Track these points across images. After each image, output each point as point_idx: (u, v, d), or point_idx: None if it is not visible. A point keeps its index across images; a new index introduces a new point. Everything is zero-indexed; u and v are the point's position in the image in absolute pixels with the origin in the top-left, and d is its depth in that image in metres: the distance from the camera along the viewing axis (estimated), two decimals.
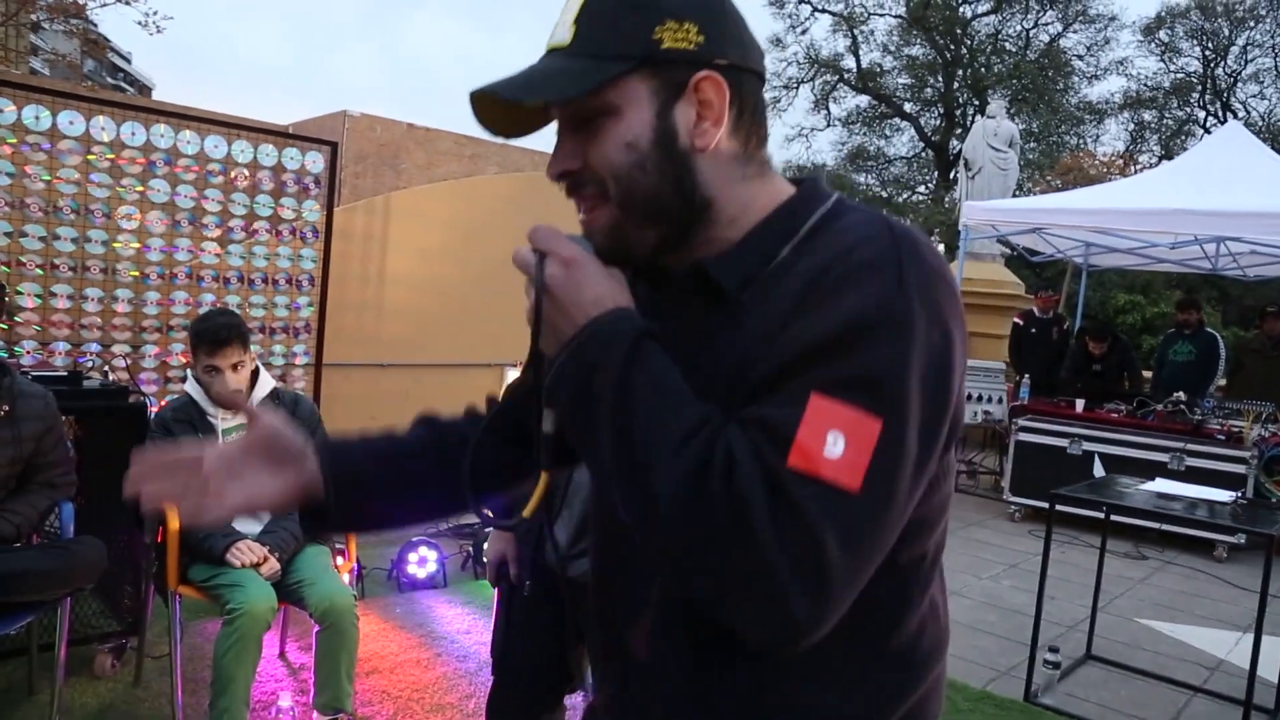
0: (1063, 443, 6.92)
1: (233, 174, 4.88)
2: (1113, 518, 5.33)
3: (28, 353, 4.30)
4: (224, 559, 2.66)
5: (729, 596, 0.75)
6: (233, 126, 4.96)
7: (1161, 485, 4.02)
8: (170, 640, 2.82)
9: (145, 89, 49.82)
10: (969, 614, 4.77)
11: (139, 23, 8.63)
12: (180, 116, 4.81)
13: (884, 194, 26.81)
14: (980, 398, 8.39)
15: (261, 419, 0.99)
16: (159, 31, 8.66)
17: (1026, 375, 7.97)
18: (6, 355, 3.93)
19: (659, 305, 0.92)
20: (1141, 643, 4.53)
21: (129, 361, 4.62)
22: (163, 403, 4.04)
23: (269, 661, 3.37)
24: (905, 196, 26.77)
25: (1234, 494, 3.86)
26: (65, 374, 3.28)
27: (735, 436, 0.75)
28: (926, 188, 26.25)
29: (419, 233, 6.61)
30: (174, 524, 2.70)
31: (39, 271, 4.41)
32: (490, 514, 1.02)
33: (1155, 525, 5.96)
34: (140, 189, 4.63)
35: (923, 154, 26.22)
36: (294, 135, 5.01)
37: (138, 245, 4.66)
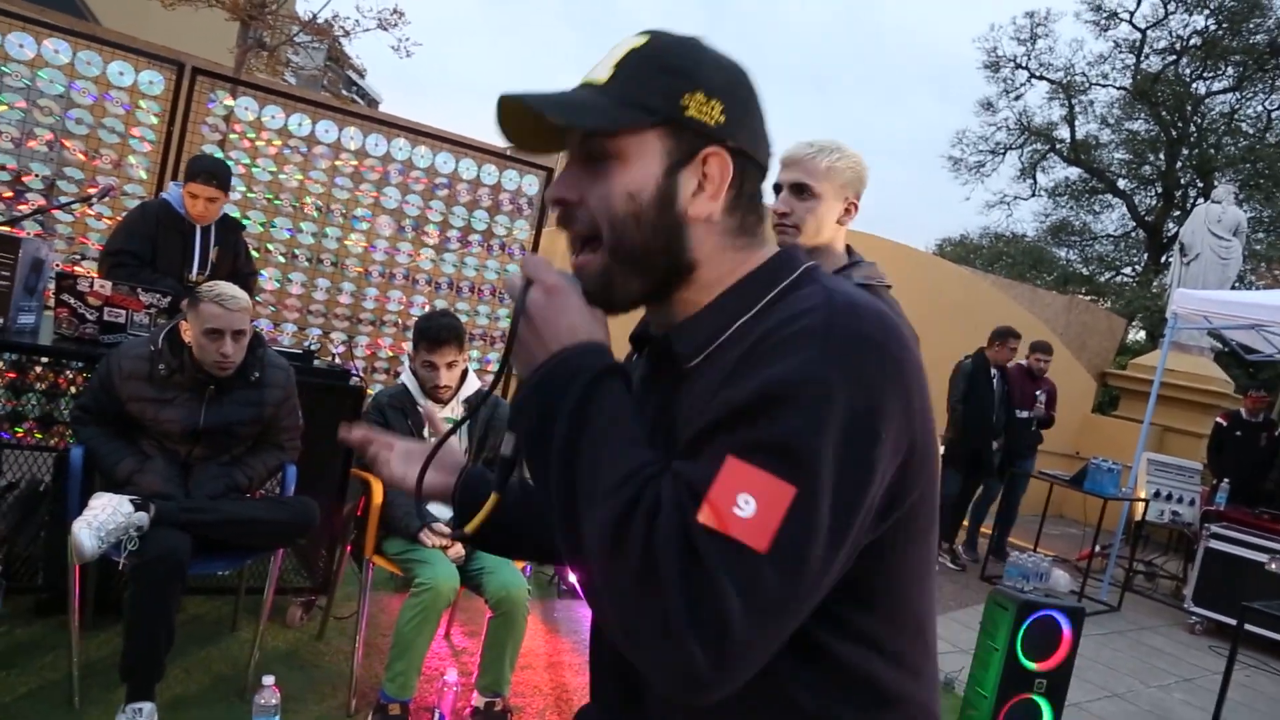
0: (1261, 558, 6.35)
1: (456, 188, 5.30)
2: None
3: (269, 336, 4.82)
4: (417, 538, 2.91)
5: (638, 642, 0.76)
6: (461, 145, 5.39)
7: None
8: (359, 603, 3.09)
9: (374, 102, 53.90)
10: (1131, 719, 4.48)
11: (392, 47, 9.50)
12: (416, 132, 5.28)
13: (1085, 271, 25.41)
14: (1170, 496, 7.83)
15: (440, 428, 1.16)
16: (408, 56, 9.47)
17: (1226, 480, 7.37)
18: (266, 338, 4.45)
19: (646, 371, 1.00)
20: None
21: (344, 348, 5.09)
22: (367, 390, 4.44)
23: (436, 640, 3.61)
24: (1109, 276, 25.27)
25: None
26: (300, 352, 3.66)
27: (665, 486, 0.78)
28: (1134, 269, 24.68)
29: None
30: (377, 498, 2.97)
31: (281, 259, 4.93)
32: (450, 527, 1.12)
33: None
34: (375, 194, 5.11)
35: (1133, 234, 24.69)
36: (514, 158, 5.38)
37: (366, 245, 5.13)
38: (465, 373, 3.20)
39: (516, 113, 0.90)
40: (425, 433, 3.13)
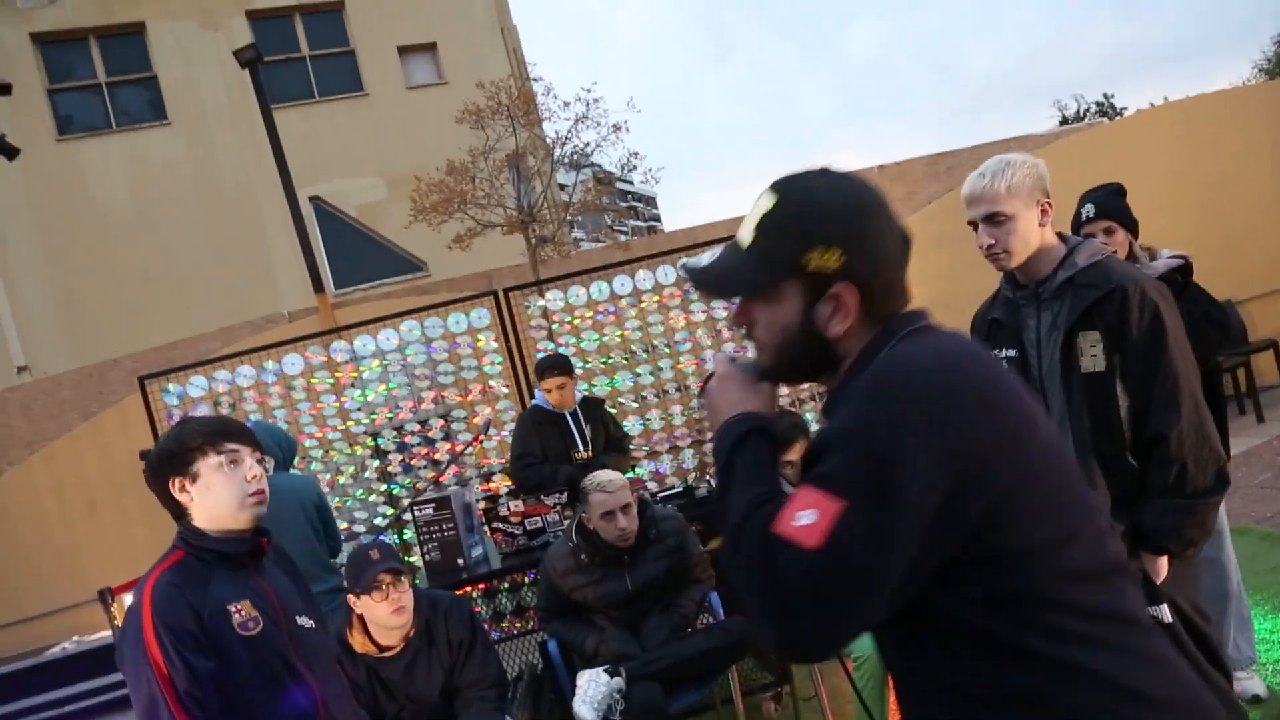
0: None
1: None
2: None
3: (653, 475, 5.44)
4: None
5: (751, 617, 1.04)
6: (728, 238, 5.74)
7: None
8: (814, 683, 3.38)
9: (650, 198, 57.19)
10: None
11: (642, 181, 10.29)
12: (691, 246, 5.74)
13: None
14: None
15: None
16: (658, 182, 10.21)
17: None
18: (632, 477, 5.06)
19: None
20: None
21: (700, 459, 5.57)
22: None
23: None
24: None
25: None
26: (680, 489, 4.13)
27: (767, 510, 1.06)
28: None
29: (917, 264, 6.80)
30: None
31: (635, 405, 5.55)
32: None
33: None
34: (684, 315, 5.61)
35: None
36: None
37: (695, 361, 5.62)
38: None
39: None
40: None
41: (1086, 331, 2.11)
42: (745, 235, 1.19)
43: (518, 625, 4.31)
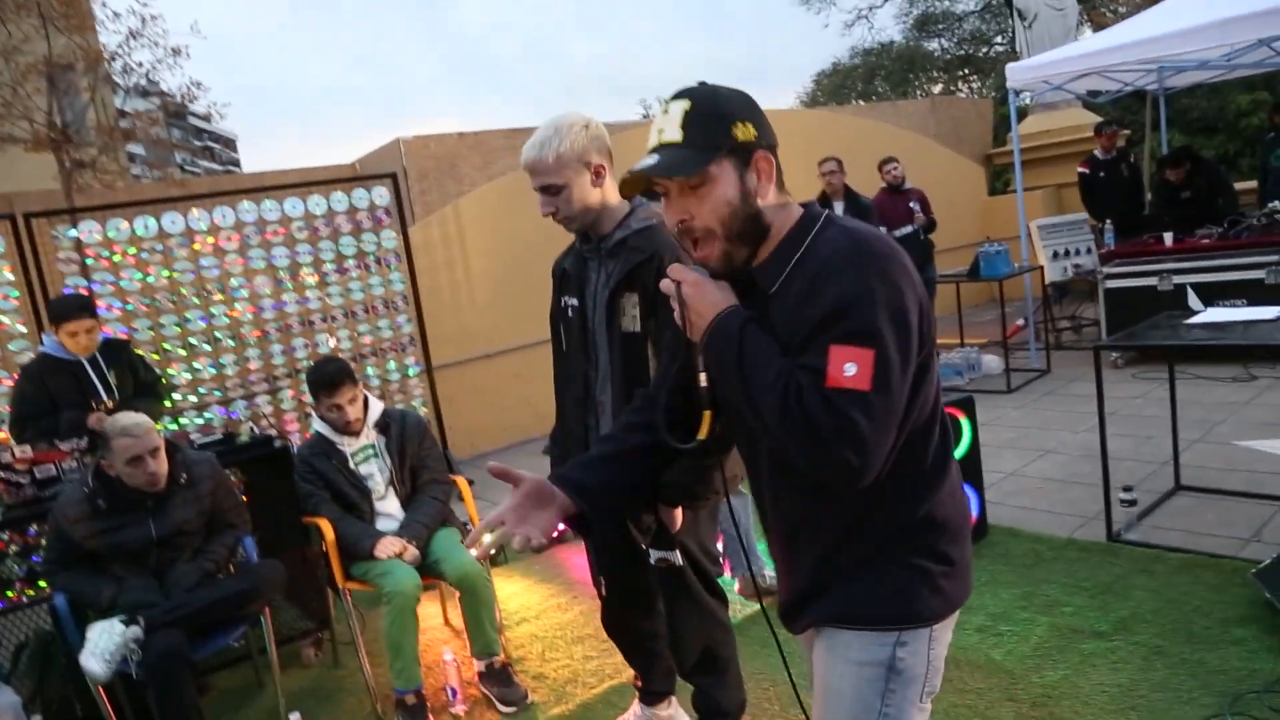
0: (1152, 281, 6.87)
1: (314, 225, 5.52)
2: (1215, 344, 5.37)
3: (201, 428, 5.10)
4: (372, 555, 3.29)
5: (814, 464, 1.27)
6: (302, 185, 5.58)
7: (1212, 314, 4.11)
8: (350, 625, 3.49)
9: (230, 141, 52.31)
10: (1064, 469, 4.97)
11: (204, 115, 9.44)
12: (258, 189, 5.47)
13: (961, 53, 25.66)
14: (1069, 252, 8.29)
15: (521, 478, 1.51)
16: (221, 118, 9.44)
17: (1108, 220, 7.85)
18: (176, 430, 4.72)
19: (741, 294, 1.45)
20: (1237, 464, 4.60)
21: (272, 408, 5.38)
22: (306, 434, 4.75)
23: (436, 627, 4.04)
24: (984, 52, 25.54)
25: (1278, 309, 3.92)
26: (222, 435, 3.97)
27: (799, 375, 1.27)
28: (1004, 37, 24.96)
29: (489, 229, 7.14)
30: (329, 535, 3.34)
31: (181, 352, 5.18)
32: (678, 443, 1.50)
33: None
34: (242, 261, 5.33)
35: (993, 3, 24.91)
36: (358, 176, 5.60)
37: (253, 309, 5.38)
38: (366, 400, 3.54)
39: (634, 179, 1.40)
40: (351, 465, 3.49)
41: (629, 293, 2.25)
42: (675, 135, 1.37)
43: (29, 593, 3.84)
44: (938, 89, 24.46)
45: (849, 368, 1.24)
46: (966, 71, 25.36)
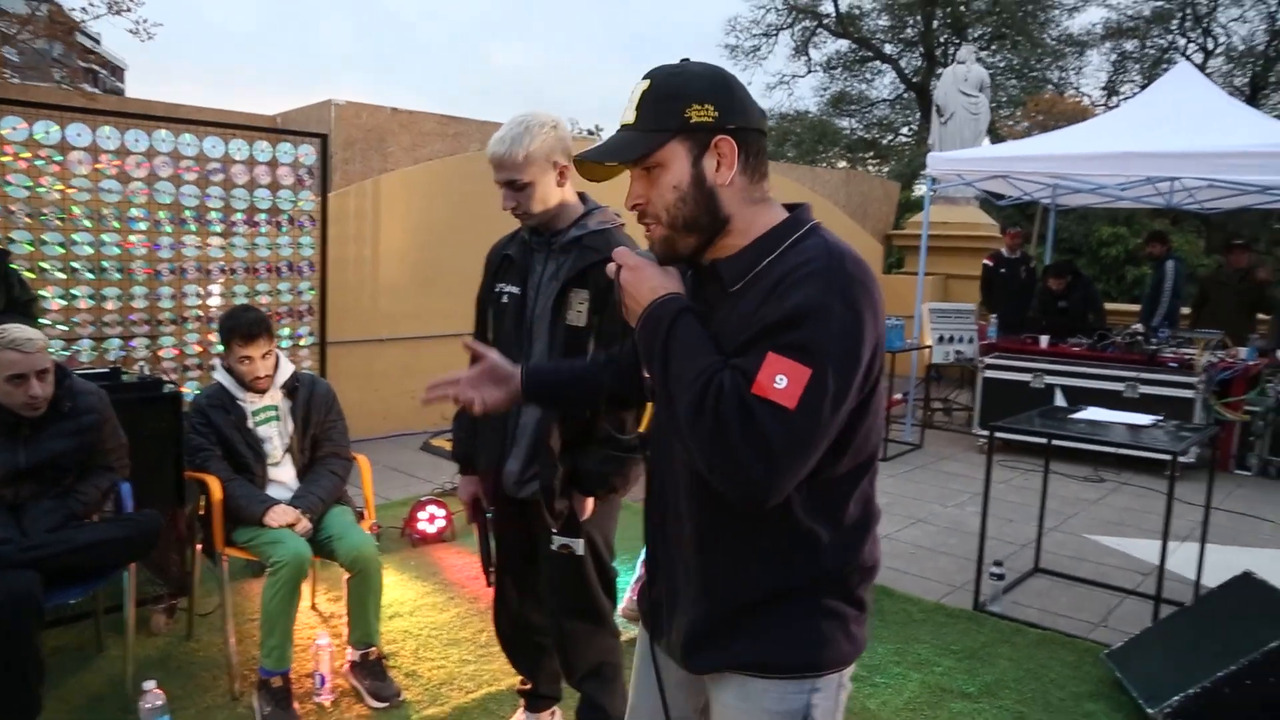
0: (1026, 378, 7.33)
1: (231, 171, 5.22)
2: (1074, 445, 5.77)
3: (90, 362, 4.68)
4: (263, 521, 3.09)
5: (717, 471, 1.20)
6: (227, 126, 5.29)
7: (1093, 413, 4.42)
8: (221, 595, 3.26)
9: (118, 69, 49.09)
10: (933, 539, 5.22)
11: (130, 31, 8.80)
12: (179, 120, 5.14)
13: (868, 137, 26.88)
14: (953, 339, 8.78)
15: (488, 354, 1.65)
16: (150, 38, 8.84)
17: (995, 315, 8.34)
18: (68, 356, 4.32)
19: (699, 285, 1.41)
20: (1087, 555, 4.98)
21: (150, 353, 5.02)
22: (182, 387, 4.45)
23: (302, 612, 3.82)
24: (889, 139, 26.86)
25: (1155, 418, 4.26)
26: (108, 370, 3.66)
27: (726, 376, 1.20)
28: (910, 129, 26.34)
29: (409, 212, 6.95)
30: (216, 495, 3.12)
31: (60, 275, 4.78)
32: (617, 433, 1.49)
33: (1113, 450, 6.38)
34: (146, 191, 4.98)
35: (904, 95, 26.27)
36: (286, 130, 5.34)
37: (149, 244, 5.02)
38: (277, 359, 3.35)
39: (589, 165, 1.37)
40: (249, 424, 3.28)
41: (579, 289, 2.30)
42: (629, 116, 1.32)
43: None
44: (841, 164, 25.50)
45: (780, 379, 1.17)
46: (870, 154, 26.59)
